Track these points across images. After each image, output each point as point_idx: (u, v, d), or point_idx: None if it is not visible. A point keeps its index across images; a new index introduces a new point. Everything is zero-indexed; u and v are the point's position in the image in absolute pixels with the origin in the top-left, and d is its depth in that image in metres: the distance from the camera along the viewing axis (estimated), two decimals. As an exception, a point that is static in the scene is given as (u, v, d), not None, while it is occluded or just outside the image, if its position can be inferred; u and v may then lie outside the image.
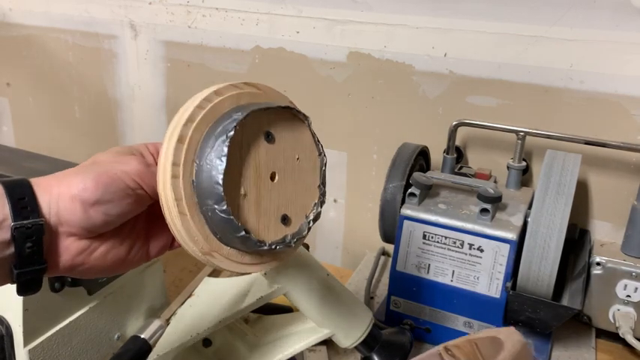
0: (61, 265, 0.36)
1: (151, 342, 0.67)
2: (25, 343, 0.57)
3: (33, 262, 0.34)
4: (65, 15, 1.15)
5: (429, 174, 0.77)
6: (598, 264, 0.72)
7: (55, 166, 1.19)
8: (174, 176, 0.35)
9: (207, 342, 0.63)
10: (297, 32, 0.94)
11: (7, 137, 1.34)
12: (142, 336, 0.67)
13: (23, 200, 0.34)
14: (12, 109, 1.32)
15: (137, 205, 0.37)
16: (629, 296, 0.71)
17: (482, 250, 0.67)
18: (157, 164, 0.36)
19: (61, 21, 1.16)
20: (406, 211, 0.71)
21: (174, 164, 0.35)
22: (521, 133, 0.76)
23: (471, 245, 0.68)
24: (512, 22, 0.79)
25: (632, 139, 0.76)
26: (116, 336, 0.68)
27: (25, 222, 0.34)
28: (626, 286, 0.71)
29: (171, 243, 0.42)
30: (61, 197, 0.35)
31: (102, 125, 1.20)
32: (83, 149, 1.22)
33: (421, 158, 0.82)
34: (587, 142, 0.74)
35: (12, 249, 0.34)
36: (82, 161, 0.39)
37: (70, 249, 0.36)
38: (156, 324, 0.70)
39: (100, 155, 0.39)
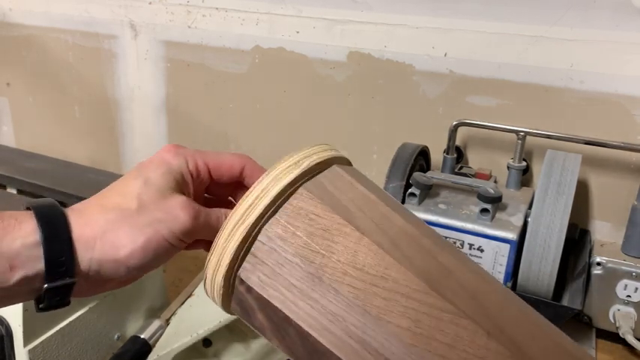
0: (90, 295, 0.35)
1: (150, 342, 0.67)
2: (25, 343, 0.57)
3: (58, 304, 0.33)
4: (65, 15, 1.15)
5: (429, 174, 0.77)
6: (598, 264, 0.72)
7: (55, 166, 1.19)
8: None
9: (207, 342, 0.63)
10: (297, 32, 0.94)
11: (7, 137, 1.34)
12: (142, 336, 0.68)
13: (60, 260, 0.31)
14: (12, 109, 1.32)
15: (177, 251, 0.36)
16: (629, 296, 0.71)
17: (482, 250, 0.67)
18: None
19: (61, 21, 1.16)
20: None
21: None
22: (522, 133, 0.76)
23: (471, 245, 0.68)
24: (513, 22, 0.79)
25: (632, 139, 0.76)
26: (116, 336, 0.68)
27: (57, 283, 0.31)
28: (626, 286, 0.71)
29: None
30: (104, 259, 0.33)
31: (102, 125, 1.20)
32: (83, 149, 1.22)
33: (421, 158, 0.82)
34: (588, 142, 0.74)
35: (40, 293, 0.32)
36: (81, 161, 0.38)
37: (104, 287, 0.35)
38: (156, 324, 0.70)
39: (145, 184, 0.35)
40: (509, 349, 0.29)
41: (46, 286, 0.31)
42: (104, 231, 0.32)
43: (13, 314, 0.56)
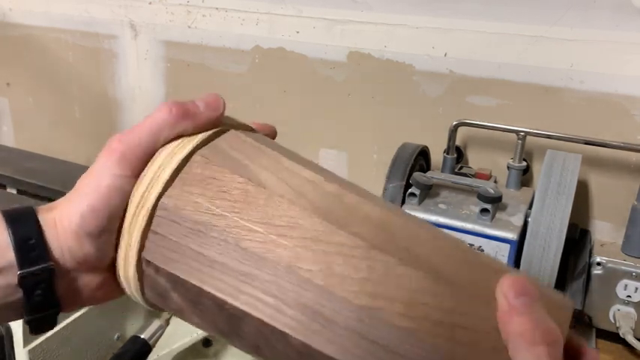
0: (80, 302, 0.33)
1: (150, 342, 0.67)
2: (25, 344, 0.57)
3: (44, 307, 0.31)
4: (65, 15, 1.15)
5: (429, 174, 0.77)
6: (598, 264, 0.71)
7: (55, 166, 1.19)
8: None
9: (207, 342, 0.63)
10: (297, 32, 0.94)
11: (7, 137, 1.34)
12: (142, 336, 0.67)
13: (30, 243, 0.30)
14: (12, 109, 1.32)
15: None
16: (629, 296, 0.71)
17: (482, 251, 0.67)
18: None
19: (61, 21, 1.16)
20: (406, 211, 0.71)
21: None
22: (522, 133, 0.76)
23: (471, 245, 0.68)
24: (513, 22, 0.79)
25: (632, 139, 0.76)
26: (116, 336, 0.68)
27: (32, 269, 0.29)
28: (626, 286, 0.71)
29: None
30: (66, 235, 0.31)
31: (102, 125, 1.20)
32: (83, 149, 1.22)
33: (421, 158, 0.82)
34: (588, 142, 0.74)
35: (21, 294, 0.30)
36: (81, 161, 0.38)
37: (91, 284, 0.32)
38: (156, 324, 0.70)
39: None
40: (425, 271, 0.28)
41: (19, 273, 0.29)
42: (61, 209, 0.31)
43: (13, 314, 0.56)
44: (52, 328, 0.33)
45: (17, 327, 0.57)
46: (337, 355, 0.27)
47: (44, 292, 0.30)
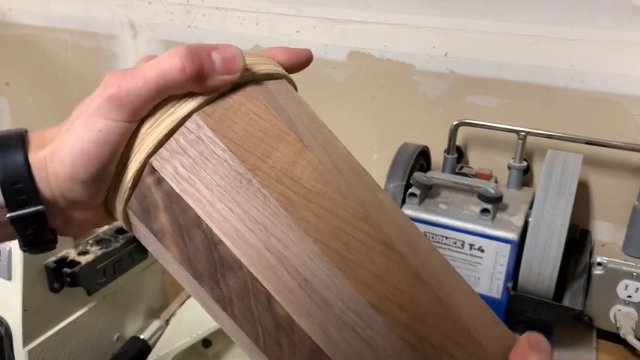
0: (76, 233, 0.32)
1: (150, 342, 0.67)
2: (25, 344, 0.57)
3: (38, 242, 0.30)
4: (64, 15, 1.15)
5: (429, 174, 0.77)
6: (599, 264, 0.71)
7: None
8: None
9: (207, 342, 0.63)
10: (297, 32, 0.94)
11: (7, 137, 1.34)
12: (142, 336, 0.67)
13: (18, 186, 0.28)
14: (11, 109, 1.32)
15: None
16: (630, 296, 0.70)
17: (482, 251, 0.67)
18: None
19: (60, 21, 1.16)
20: (407, 211, 0.71)
21: None
22: (522, 133, 0.76)
23: (471, 245, 0.68)
24: (513, 22, 0.79)
25: (633, 139, 0.75)
26: (116, 336, 0.68)
27: (21, 212, 0.28)
28: (627, 286, 0.70)
29: None
30: (57, 178, 0.29)
31: (101, 125, 1.20)
32: (83, 149, 1.22)
33: (421, 158, 0.81)
34: (588, 142, 0.74)
35: (13, 229, 0.29)
36: None
37: (87, 221, 0.31)
38: (155, 324, 0.70)
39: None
40: (437, 294, 0.27)
41: (8, 216, 0.28)
42: (53, 148, 0.29)
43: (13, 314, 0.56)
44: (53, 249, 0.31)
45: (17, 327, 0.56)
46: (319, 340, 0.26)
47: (36, 231, 0.29)
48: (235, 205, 0.27)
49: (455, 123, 0.81)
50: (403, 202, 0.74)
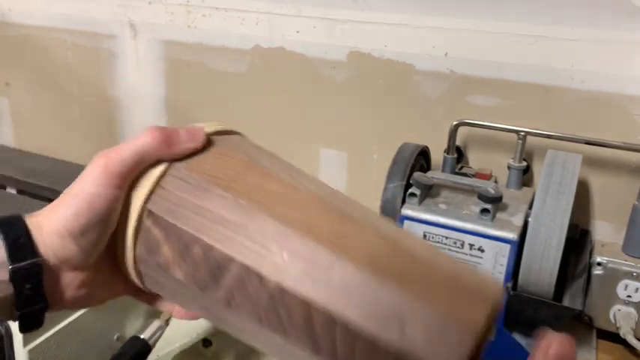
0: (65, 300, 0.35)
1: (150, 342, 0.67)
2: (25, 344, 0.57)
3: (34, 302, 0.34)
4: (64, 15, 1.15)
5: (429, 174, 0.77)
6: (599, 264, 0.71)
7: (55, 166, 1.19)
8: None
9: (207, 342, 0.63)
10: (297, 32, 0.94)
11: (7, 137, 1.34)
12: (142, 336, 0.67)
13: (19, 241, 0.33)
14: (12, 109, 1.32)
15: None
16: (629, 296, 0.71)
17: (482, 251, 0.67)
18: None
19: (60, 21, 1.16)
20: (407, 211, 0.71)
21: None
22: (522, 133, 0.76)
23: (471, 245, 0.68)
24: (513, 22, 0.79)
25: (633, 139, 0.75)
26: (116, 336, 0.68)
27: (22, 264, 0.32)
28: (627, 286, 0.71)
29: None
30: (51, 234, 0.33)
31: (102, 125, 1.20)
32: (83, 149, 1.22)
33: (421, 158, 0.81)
34: (588, 142, 0.74)
35: (12, 289, 0.33)
36: (81, 161, 0.39)
37: (73, 283, 0.35)
38: (156, 324, 0.70)
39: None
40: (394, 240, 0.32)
41: (10, 267, 0.32)
42: (48, 212, 0.34)
43: (13, 314, 0.56)
44: (40, 326, 0.35)
45: (17, 327, 0.56)
46: (306, 293, 0.30)
47: (33, 287, 0.33)
48: (218, 217, 0.33)
49: (455, 123, 0.81)
50: (403, 202, 0.74)
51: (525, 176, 0.80)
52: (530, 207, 0.69)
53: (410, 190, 0.72)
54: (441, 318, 0.28)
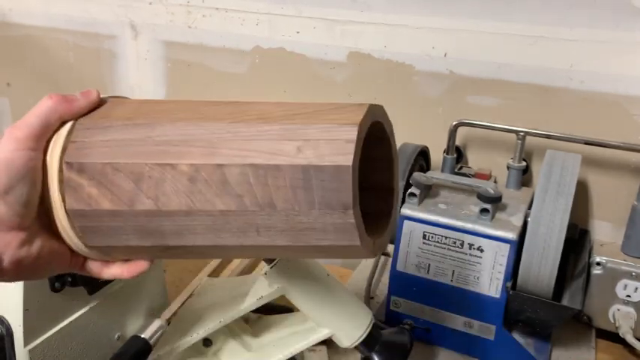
0: (6, 262, 0.37)
1: (151, 342, 0.67)
2: (26, 343, 0.57)
3: None
4: (65, 15, 1.15)
5: (429, 174, 0.77)
6: (598, 264, 0.72)
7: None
8: None
9: (207, 342, 0.63)
10: (297, 32, 0.94)
11: (8, 137, 1.34)
12: (143, 336, 0.68)
13: None
14: (12, 110, 1.32)
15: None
16: (629, 296, 0.71)
17: (482, 250, 0.67)
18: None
19: (61, 21, 1.16)
20: (406, 211, 0.71)
21: None
22: (521, 133, 0.76)
23: (471, 245, 0.68)
24: (513, 22, 0.79)
25: (632, 139, 0.76)
26: (116, 336, 0.68)
27: None
28: (626, 286, 0.71)
29: None
30: None
31: (102, 125, 1.20)
32: (83, 149, 1.22)
33: (421, 158, 0.82)
34: (587, 143, 0.74)
35: None
36: None
37: (12, 243, 0.37)
38: (156, 324, 0.70)
39: None
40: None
41: None
42: None
43: (14, 314, 0.56)
44: None
45: (18, 327, 0.57)
46: (208, 159, 0.35)
47: None
48: (123, 140, 0.38)
49: (454, 123, 0.81)
50: (403, 201, 0.74)
51: (525, 176, 0.80)
52: (530, 207, 0.69)
53: (409, 190, 0.72)
54: (325, 129, 0.34)
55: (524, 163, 0.78)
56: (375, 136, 0.38)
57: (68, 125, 0.39)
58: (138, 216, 0.37)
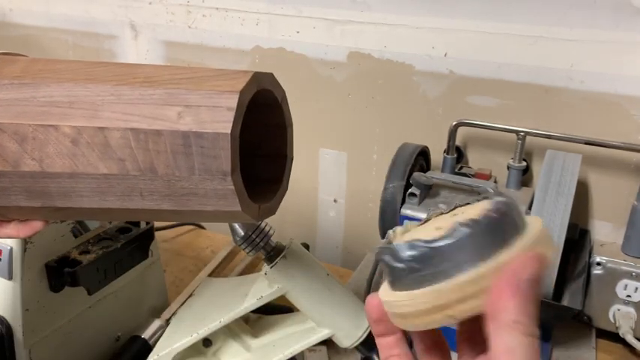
0: None
1: (151, 342, 0.68)
2: (26, 343, 0.57)
3: None
4: (65, 15, 1.15)
5: (429, 174, 0.77)
6: (598, 264, 0.72)
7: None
8: None
9: (207, 342, 0.63)
10: (297, 32, 0.94)
11: (8, 137, 1.34)
12: (142, 336, 0.68)
13: None
14: (12, 109, 1.32)
15: None
16: (629, 296, 0.71)
17: (482, 250, 0.67)
18: None
19: (61, 21, 1.16)
20: (406, 211, 0.71)
21: None
22: (522, 133, 0.76)
23: (471, 245, 0.68)
24: (513, 22, 0.79)
25: (632, 139, 0.76)
26: (116, 336, 0.68)
27: None
28: (626, 286, 0.71)
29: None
30: None
31: (102, 125, 1.20)
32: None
33: (421, 158, 0.82)
34: (588, 142, 0.74)
35: None
36: None
37: None
38: (156, 324, 0.70)
39: None
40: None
41: None
42: None
43: (14, 314, 0.56)
44: None
45: (18, 326, 0.57)
46: (91, 122, 0.36)
47: None
48: (7, 100, 0.37)
49: (454, 123, 0.81)
50: (403, 201, 0.74)
51: (525, 176, 0.80)
52: (530, 207, 0.69)
53: (410, 190, 0.72)
54: (207, 95, 0.35)
55: (524, 163, 0.78)
56: (269, 104, 0.40)
57: None
58: (24, 177, 0.38)
